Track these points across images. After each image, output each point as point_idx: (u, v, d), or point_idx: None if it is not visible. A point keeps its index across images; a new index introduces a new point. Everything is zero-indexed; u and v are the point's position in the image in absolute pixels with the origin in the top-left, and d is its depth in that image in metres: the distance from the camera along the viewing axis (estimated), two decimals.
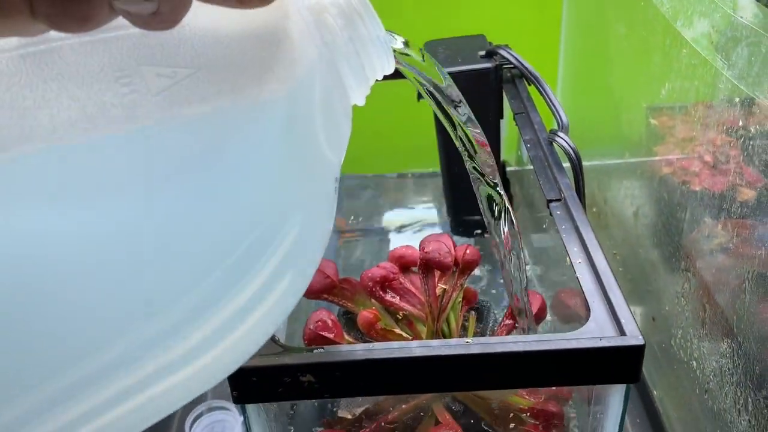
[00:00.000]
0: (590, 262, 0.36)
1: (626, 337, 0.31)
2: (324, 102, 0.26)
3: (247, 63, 0.24)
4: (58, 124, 0.21)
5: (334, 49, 0.28)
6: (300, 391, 0.31)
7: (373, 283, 0.43)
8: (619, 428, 0.34)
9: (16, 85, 0.21)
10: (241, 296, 0.24)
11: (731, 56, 0.40)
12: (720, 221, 0.45)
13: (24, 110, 0.20)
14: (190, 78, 0.23)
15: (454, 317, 0.45)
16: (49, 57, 0.22)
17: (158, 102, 0.22)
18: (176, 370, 0.24)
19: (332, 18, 0.27)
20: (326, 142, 0.27)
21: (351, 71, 0.28)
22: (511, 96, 0.54)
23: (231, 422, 0.61)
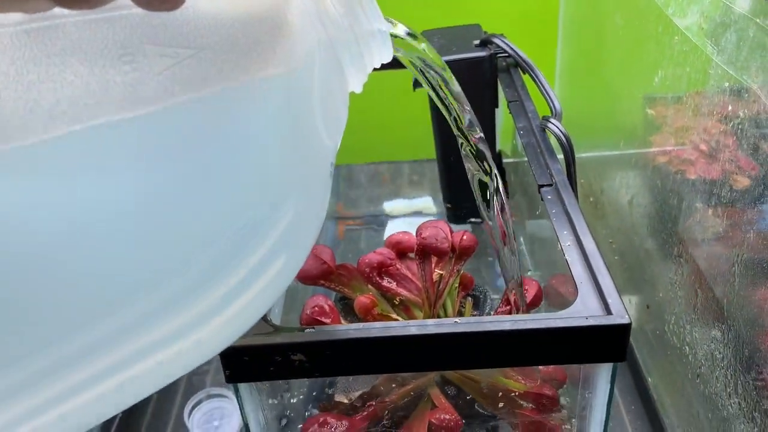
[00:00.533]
0: (579, 245, 0.36)
1: (612, 316, 0.31)
2: (322, 87, 0.27)
3: (248, 45, 0.24)
4: (62, 98, 0.21)
5: (334, 36, 0.28)
6: (291, 370, 0.32)
7: (370, 269, 0.43)
8: (607, 408, 0.35)
9: (20, 59, 0.21)
10: (234, 275, 0.24)
11: (720, 42, 0.40)
12: (713, 208, 0.45)
13: (28, 84, 0.21)
14: (193, 58, 0.23)
15: (450, 303, 0.45)
16: (53, 33, 0.22)
17: (161, 81, 0.22)
18: (168, 345, 0.24)
19: (332, 5, 0.28)
20: (323, 126, 0.27)
21: (350, 58, 0.29)
22: (505, 84, 0.55)
23: (229, 409, 0.62)
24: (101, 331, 0.22)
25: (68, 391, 0.22)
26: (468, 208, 0.64)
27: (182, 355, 0.25)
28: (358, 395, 0.41)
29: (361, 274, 0.44)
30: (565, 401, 0.40)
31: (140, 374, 0.24)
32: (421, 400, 0.41)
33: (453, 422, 0.38)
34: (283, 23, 0.25)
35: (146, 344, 0.23)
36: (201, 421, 0.61)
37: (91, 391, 0.23)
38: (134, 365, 0.24)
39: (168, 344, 0.24)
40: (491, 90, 0.57)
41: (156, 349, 0.24)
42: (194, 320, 0.24)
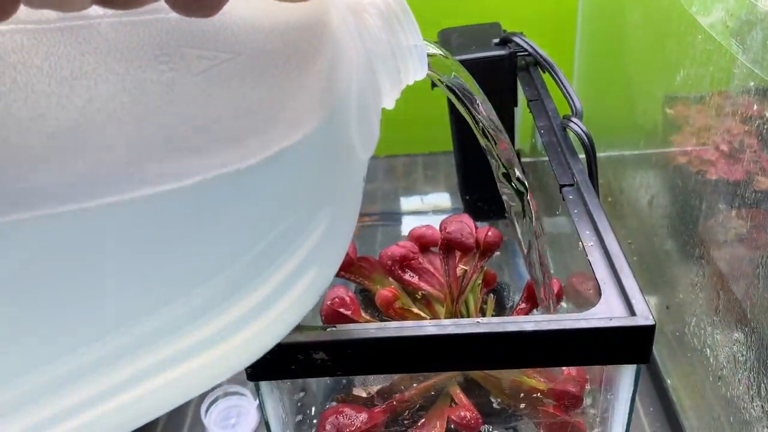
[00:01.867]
0: (602, 245, 0.36)
1: (636, 317, 0.31)
2: (359, 100, 0.27)
3: (287, 53, 0.24)
4: (96, 95, 0.21)
5: (372, 50, 0.28)
6: (313, 369, 0.32)
7: (392, 262, 0.43)
8: (629, 410, 0.34)
9: (54, 55, 0.21)
10: (266, 287, 0.24)
11: (746, 41, 0.40)
12: (736, 209, 0.44)
13: (62, 79, 0.21)
14: (231, 62, 0.23)
15: (473, 299, 0.45)
16: (87, 32, 0.22)
17: (198, 82, 0.22)
18: (194, 357, 0.24)
19: (371, 18, 0.28)
20: (359, 140, 0.27)
21: (386, 73, 0.29)
22: (525, 83, 0.54)
23: (246, 407, 0.62)
24: (131, 335, 0.22)
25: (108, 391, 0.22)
26: (486, 201, 0.63)
27: (207, 367, 0.25)
28: (377, 389, 0.40)
29: (383, 266, 0.44)
30: (587, 402, 0.40)
31: (161, 386, 0.24)
32: (441, 397, 0.41)
33: (473, 420, 0.38)
34: (322, 34, 0.25)
35: (168, 356, 0.23)
36: (218, 419, 0.61)
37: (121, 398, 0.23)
38: (157, 376, 0.24)
39: (193, 356, 0.24)
40: (511, 88, 0.57)
41: (182, 361, 0.24)
42: (222, 332, 0.24)
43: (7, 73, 0.20)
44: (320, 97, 0.24)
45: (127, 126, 0.21)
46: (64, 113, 0.20)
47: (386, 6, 0.28)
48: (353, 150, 0.27)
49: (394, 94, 0.30)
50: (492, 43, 0.56)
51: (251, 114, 0.23)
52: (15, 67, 0.20)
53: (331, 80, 0.25)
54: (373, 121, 0.28)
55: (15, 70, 0.20)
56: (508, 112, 0.58)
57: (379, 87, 0.29)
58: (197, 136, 0.22)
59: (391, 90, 0.30)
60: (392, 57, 0.29)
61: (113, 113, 0.21)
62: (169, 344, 0.23)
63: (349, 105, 0.26)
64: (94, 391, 0.22)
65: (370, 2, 0.28)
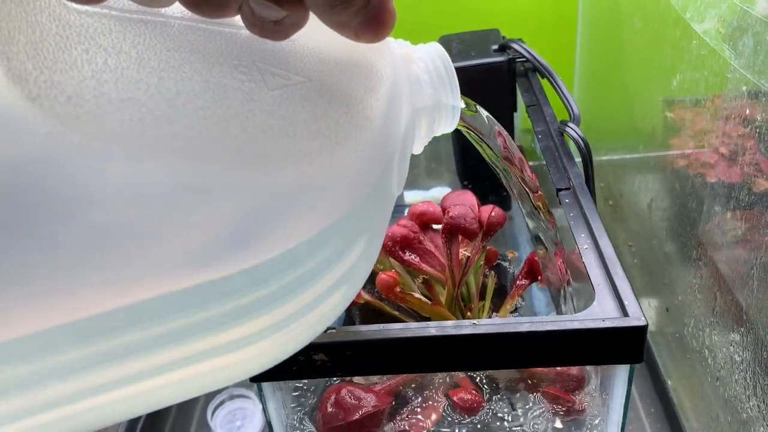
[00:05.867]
0: (596, 248, 0.37)
1: (629, 318, 0.32)
2: (404, 145, 0.28)
3: (350, 86, 0.25)
4: (183, 89, 0.21)
5: (418, 101, 0.29)
6: (313, 370, 0.32)
7: (392, 243, 0.42)
8: (624, 409, 0.35)
9: (141, 44, 0.22)
10: (299, 302, 0.25)
11: (738, 46, 0.41)
12: (733, 211, 0.45)
13: (150, 69, 0.21)
14: (303, 85, 0.24)
15: (474, 280, 0.44)
16: (168, 30, 0.23)
17: (274, 96, 0.23)
18: (218, 355, 0.25)
19: (421, 72, 0.29)
20: (396, 179, 0.28)
21: (425, 123, 0.30)
22: (524, 89, 0.55)
23: (251, 409, 0.63)
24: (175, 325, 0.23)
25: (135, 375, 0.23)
26: (485, 186, 0.63)
27: (225, 369, 0.25)
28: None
29: (383, 247, 0.43)
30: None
31: (186, 378, 0.25)
32: (443, 379, 0.41)
33: (475, 402, 0.38)
34: (378, 75, 0.26)
35: (198, 351, 0.24)
36: (224, 421, 0.62)
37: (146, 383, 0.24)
38: (189, 366, 0.24)
39: (217, 355, 0.25)
40: (510, 94, 0.58)
41: (205, 358, 0.24)
42: (249, 337, 0.25)
43: (98, 54, 0.21)
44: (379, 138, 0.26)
45: (210, 123, 0.21)
46: (152, 102, 0.21)
47: (434, 63, 0.30)
48: (392, 188, 0.28)
49: (424, 142, 0.31)
50: (491, 49, 0.57)
51: (322, 138, 0.23)
52: (106, 49, 0.21)
53: (387, 122, 0.26)
54: (407, 162, 0.29)
55: (106, 53, 0.21)
56: (507, 117, 0.58)
57: (414, 134, 0.30)
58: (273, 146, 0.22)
59: (423, 138, 0.31)
60: (433, 111, 0.30)
61: (199, 110, 0.21)
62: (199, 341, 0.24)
63: (397, 147, 0.27)
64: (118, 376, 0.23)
65: (420, 56, 0.30)
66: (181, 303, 0.22)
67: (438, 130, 0.32)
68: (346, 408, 0.36)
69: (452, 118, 0.31)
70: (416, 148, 0.31)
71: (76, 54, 0.21)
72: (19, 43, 0.20)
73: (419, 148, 0.31)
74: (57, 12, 0.21)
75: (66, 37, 0.21)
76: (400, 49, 0.30)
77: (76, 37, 0.21)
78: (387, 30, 0.23)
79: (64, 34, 0.21)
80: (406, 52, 0.30)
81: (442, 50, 0.30)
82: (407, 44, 0.30)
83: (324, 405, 0.37)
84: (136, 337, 0.22)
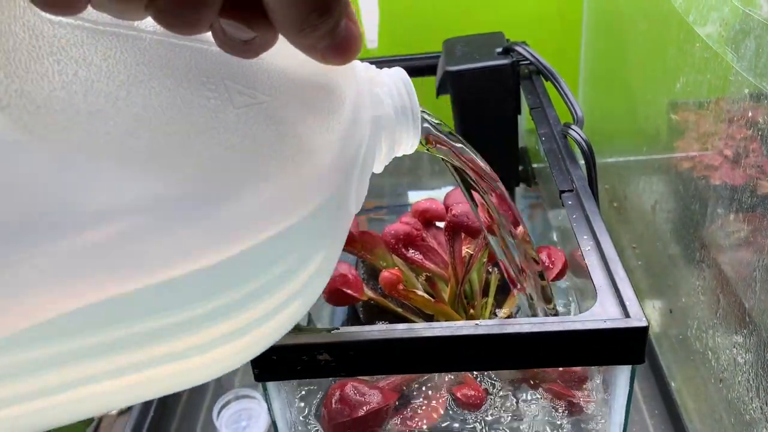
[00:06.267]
0: (599, 249, 0.37)
1: (630, 319, 0.32)
2: (363, 163, 0.29)
3: (315, 105, 0.26)
4: (149, 104, 0.22)
5: (380, 121, 0.30)
6: (317, 370, 0.33)
7: (396, 240, 0.42)
8: (626, 409, 0.35)
9: (111, 57, 0.22)
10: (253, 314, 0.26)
11: (740, 49, 0.41)
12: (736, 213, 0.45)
13: (119, 83, 0.22)
14: (267, 104, 0.25)
15: (477, 277, 0.45)
16: (139, 43, 0.23)
17: (239, 115, 0.24)
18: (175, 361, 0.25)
19: (384, 95, 0.30)
20: (354, 198, 0.29)
21: (386, 143, 0.31)
22: (527, 92, 0.56)
23: (257, 410, 0.63)
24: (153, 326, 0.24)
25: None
26: None
27: (185, 373, 0.26)
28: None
29: (386, 244, 0.44)
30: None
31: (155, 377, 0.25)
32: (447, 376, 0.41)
33: (478, 399, 0.38)
34: (341, 95, 0.27)
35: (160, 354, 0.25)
36: (229, 422, 0.62)
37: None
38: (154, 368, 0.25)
39: (175, 360, 0.25)
40: (514, 97, 0.58)
41: (165, 362, 0.25)
42: (207, 344, 0.25)
43: (69, 65, 0.21)
44: (339, 158, 0.26)
45: (174, 139, 0.22)
46: (120, 116, 0.21)
47: (397, 87, 0.31)
48: (349, 207, 0.29)
49: (386, 161, 0.32)
50: (495, 52, 0.57)
51: (283, 157, 0.24)
52: (77, 61, 0.22)
53: (347, 142, 0.27)
54: (367, 182, 0.30)
55: (77, 64, 0.22)
56: (511, 120, 0.59)
57: (375, 153, 0.31)
58: (234, 164, 0.23)
59: (385, 158, 0.32)
60: (394, 132, 0.31)
61: (164, 125, 0.22)
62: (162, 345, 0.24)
63: (356, 167, 0.28)
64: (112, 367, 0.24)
65: (384, 80, 0.31)
66: (137, 309, 0.23)
67: (399, 151, 0.33)
68: (352, 404, 0.36)
69: (412, 140, 0.32)
70: (377, 168, 0.32)
71: (48, 64, 0.21)
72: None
73: (380, 168, 0.32)
74: (31, 22, 0.22)
75: (38, 47, 0.21)
76: (366, 72, 0.31)
77: (48, 48, 0.21)
78: (352, 54, 0.24)
79: (36, 44, 0.21)
80: (371, 75, 0.31)
81: (405, 75, 0.31)
82: (372, 67, 0.32)
83: (329, 401, 0.37)
84: (91, 340, 0.23)
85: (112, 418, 0.63)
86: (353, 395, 0.37)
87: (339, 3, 0.22)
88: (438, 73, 0.60)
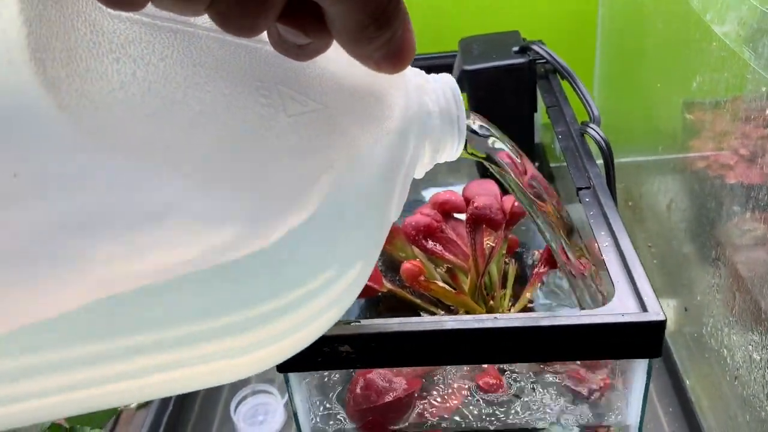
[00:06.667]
0: (616, 245, 0.37)
1: (647, 313, 0.32)
2: (406, 171, 0.29)
3: (364, 113, 0.26)
4: (205, 109, 0.22)
5: (426, 129, 0.30)
6: (338, 361, 0.33)
7: (416, 232, 0.43)
8: (642, 403, 0.36)
9: (169, 57, 0.22)
10: (296, 317, 0.26)
11: (758, 47, 0.41)
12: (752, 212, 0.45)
13: (176, 84, 0.22)
14: (318, 112, 0.25)
15: (496, 268, 0.45)
16: (197, 42, 0.23)
17: (290, 123, 0.24)
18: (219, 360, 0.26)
19: (432, 103, 0.30)
20: (396, 204, 0.29)
21: (429, 151, 0.31)
22: (544, 90, 0.56)
23: (274, 405, 0.64)
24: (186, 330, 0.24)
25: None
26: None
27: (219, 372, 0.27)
28: None
29: (407, 236, 0.44)
30: None
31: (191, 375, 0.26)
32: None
33: (498, 387, 0.38)
34: (392, 104, 0.27)
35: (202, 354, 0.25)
36: (246, 416, 0.63)
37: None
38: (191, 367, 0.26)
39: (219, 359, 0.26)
40: (530, 96, 0.58)
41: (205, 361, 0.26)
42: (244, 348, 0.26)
43: (128, 64, 0.21)
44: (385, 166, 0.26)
45: (228, 147, 0.22)
46: (175, 119, 0.21)
47: (445, 96, 0.31)
48: (390, 214, 0.29)
49: (428, 168, 0.33)
50: (511, 51, 0.58)
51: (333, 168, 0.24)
52: (135, 60, 0.22)
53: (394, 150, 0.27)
54: (408, 188, 0.30)
55: (135, 64, 0.22)
56: (527, 118, 0.59)
57: (417, 160, 0.31)
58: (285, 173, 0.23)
59: (427, 165, 0.32)
60: (439, 141, 0.31)
61: (218, 132, 0.22)
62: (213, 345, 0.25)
63: (400, 175, 0.28)
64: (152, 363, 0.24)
65: (432, 88, 0.31)
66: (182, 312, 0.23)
67: (440, 159, 0.33)
68: (378, 390, 0.37)
69: (456, 149, 0.32)
70: (418, 173, 0.32)
71: (107, 63, 0.21)
72: (55, 50, 0.20)
73: (421, 174, 0.33)
74: (92, 17, 0.22)
75: (98, 44, 0.21)
76: (414, 78, 0.31)
77: (108, 45, 0.22)
78: (406, 64, 0.24)
79: (96, 41, 0.21)
80: (420, 83, 0.31)
81: (453, 82, 0.31)
82: (422, 74, 0.31)
83: (354, 386, 0.37)
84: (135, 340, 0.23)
85: (131, 412, 0.64)
86: (379, 382, 0.37)
87: (398, 16, 0.22)
88: (454, 72, 0.60)
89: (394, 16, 0.22)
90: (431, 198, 0.46)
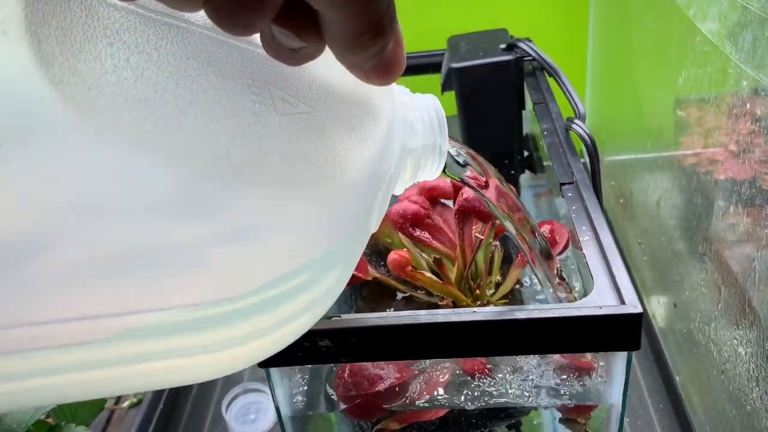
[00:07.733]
0: (597, 239, 0.38)
1: (625, 306, 0.32)
2: (389, 181, 0.29)
3: (351, 122, 0.26)
4: (196, 99, 0.22)
5: (409, 146, 0.31)
6: (319, 356, 0.34)
7: (403, 219, 0.43)
8: (623, 396, 0.36)
9: (163, 48, 0.22)
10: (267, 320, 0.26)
11: (738, 42, 0.41)
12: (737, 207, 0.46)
13: (169, 73, 0.22)
14: (308, 115, 0.25)
15: (482, 257, 0.45)
16: (190, 37, 0.23)
17: (280, 123, 0.24)
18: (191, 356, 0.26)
19: (416, 121, 0.31)
20: (376, 216, 0.29)
21: (411, 167, 0.32)
22: (531, 87, 0.56)
23: (265, 403, 0.64)
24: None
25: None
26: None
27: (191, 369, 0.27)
28: None
29: (394, 224, 0.44)
30: None
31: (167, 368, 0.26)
32: None
33: (482, 370, 0.39)
34: (377, 115, 0.28)
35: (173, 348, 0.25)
36: (238, 414, 0.63)
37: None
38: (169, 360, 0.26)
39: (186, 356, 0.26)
40: (518, 93, 0.58)
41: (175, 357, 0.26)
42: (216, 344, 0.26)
43: (122, 50, 0.21)
44: (368, 176, 0.26)
45: (218, 138, 0.22)
46: (167, 107, 0.21)
47: (429, 114, 0.31)
48: (370, 225, 0.29)
49: (408, 184, 0.33)
50: (499, 49, 0.58)
51: (319, 170, 0.24)
52: (129, 47, 0.22)
53: (378, 162, 0.27)
54: (387, 202, 0.30)
55: (129, 50, 0.22)
56: (515, 115, 0.59)
57: (399, 175, 0.31)
58: (273, 170, 0.23)
59: (407, 181, 0.32)
60: (421, 158, 0.31)
61: (209, 123, 0.22)
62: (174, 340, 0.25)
63: (382, 187, 0.28)
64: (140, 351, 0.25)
65: (417, 106, 0.31)
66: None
67: (421, 177, 0.33)
68: (370, 378, 0.37)
69: (437, 167, 0.32)
70: (397, 189, 0.32)
71: (101, 47, 0.21)
72: (51, 27, 0.20)
73: (400, 190, 0.33)
74: (88, 1, 0.22)
75: (93, 28, 0.21)
76: (401, 96, 0.31)
77: (103, 30, 0.22)
78: (394, 77, 0.24)
79: (91, 24, 0.21)
80: (406, 100, 0.31)
81: (438, 104, 0.32)
82: (407, 92, 0.32)
83: (342, 372, 0.37)
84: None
85: (123, 411, 0.64)
86: (371, 369, 0.37)
87: (393, 28, 0.22)
88: (443, 70, 0.61)
89: (388, 28, 0.22)
90: (419, 183, 0.45)
